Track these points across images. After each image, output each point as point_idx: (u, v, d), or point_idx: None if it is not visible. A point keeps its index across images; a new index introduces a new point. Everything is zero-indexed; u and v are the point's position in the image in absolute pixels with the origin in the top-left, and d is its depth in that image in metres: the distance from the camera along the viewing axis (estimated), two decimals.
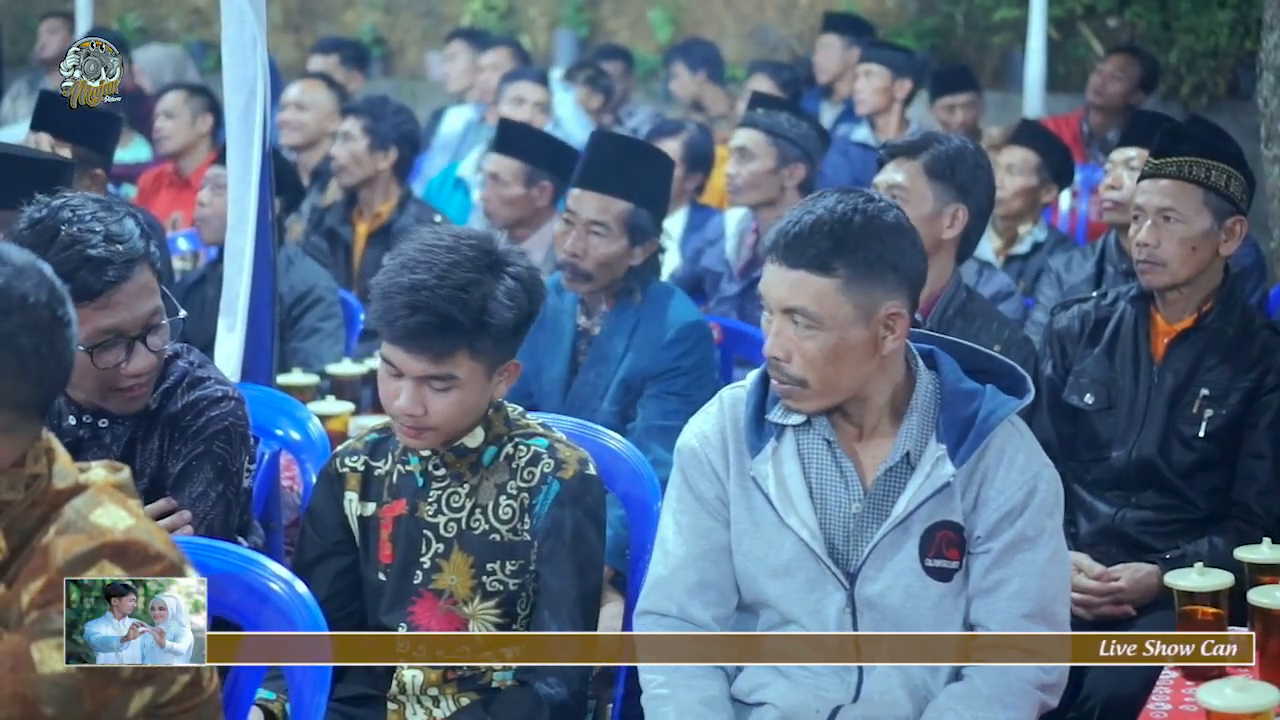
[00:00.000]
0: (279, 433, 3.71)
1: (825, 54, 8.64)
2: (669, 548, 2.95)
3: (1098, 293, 3.96)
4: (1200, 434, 3.70)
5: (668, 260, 5.08)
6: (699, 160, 6.70)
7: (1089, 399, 3.82)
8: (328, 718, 2.65)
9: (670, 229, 5.41)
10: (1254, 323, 3.77)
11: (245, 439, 3.20)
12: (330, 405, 4.37)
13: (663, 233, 4.48)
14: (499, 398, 3.08)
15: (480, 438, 3.06)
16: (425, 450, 3.06)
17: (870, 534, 2.84)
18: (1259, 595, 2.95)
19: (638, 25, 10.91)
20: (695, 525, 2.93)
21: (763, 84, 7.79)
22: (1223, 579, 3.03)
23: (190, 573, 2.28)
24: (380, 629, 3.07)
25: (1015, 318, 4.57)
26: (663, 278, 4.63)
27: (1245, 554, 3.15)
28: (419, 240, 3.00)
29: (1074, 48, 9.66)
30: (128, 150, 7.93)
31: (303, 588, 2.68)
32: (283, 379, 4.38)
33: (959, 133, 6.79)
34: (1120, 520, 3.76)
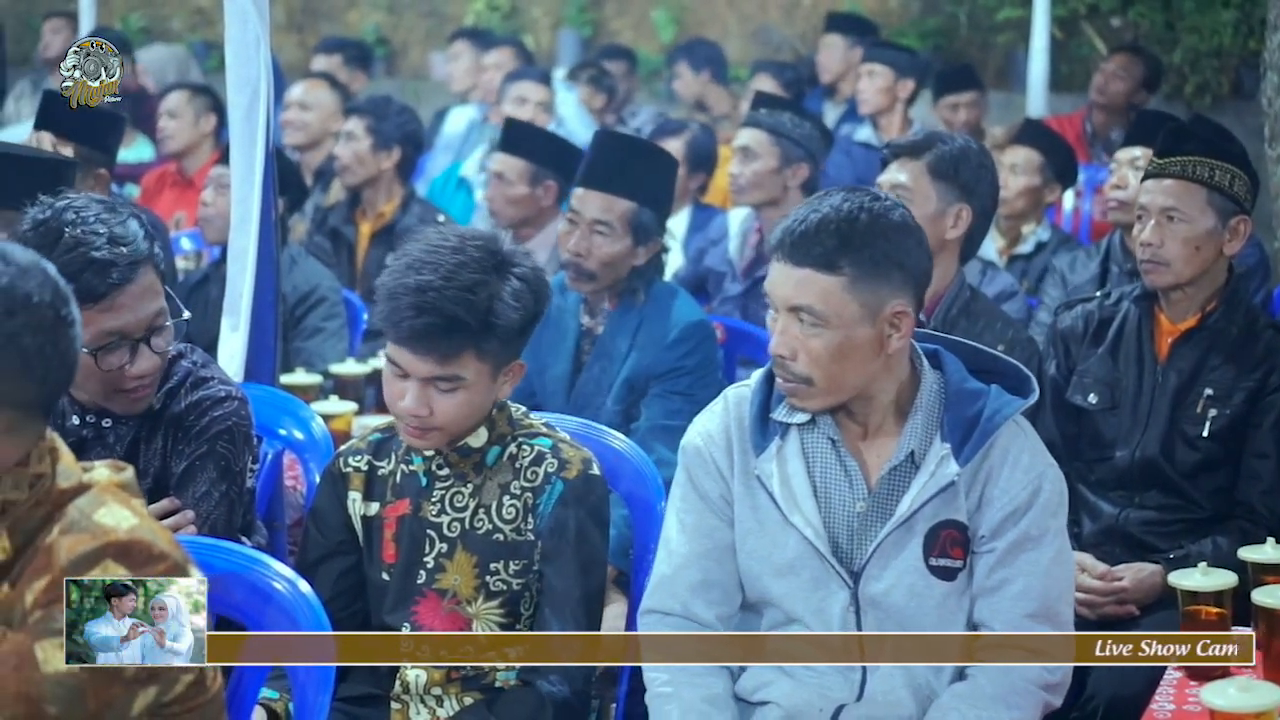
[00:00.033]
0: (282, 432, 3.71)
1: (828, 54, 8.64)
2: (673, 546, 2.95)
3: (1101, 292, 3.96)
4: (1204, 434, 3.70)
5: (671, 260, 5.08)
6: (701, 160, 6.70)
7: (1093, 399, 3.81)
8: (331, 717, 2.65)
9: (673, 229, 5.41)
10: (1258, 322, 3.76)
11: (249, 439, 3.20)
12: (333, 405, 4.37)
13: (666, 232, 4.48)
14: (504, 398, 3.08)
15: (484, 437, 3.05)
16: (429, 450, 3.06)
17: (874, 533, 2.84)
18: (1263, 595, 2.95)
19: (641, 25, 10.91)
20: (699, 524, 2.93)
21: (766, 84, 7.79)
22: (1226, 579, 3.02)
23: (194, 572, 2.27)
24: (384, 629, 3.07)
25: (1019, 317, 4.57)
26: (666, 278, 4.63)
27: (1249, 554, 3.14)
28: (424, 241, 2.99)
29: (1077, 47, 9.65)
30: (131, 150, 7.93)
31: (306, 587, 2.67)
32: (286, 379, 4.38)
33: (962, 132, 6.79)
34: (1124, 520, 3.75)
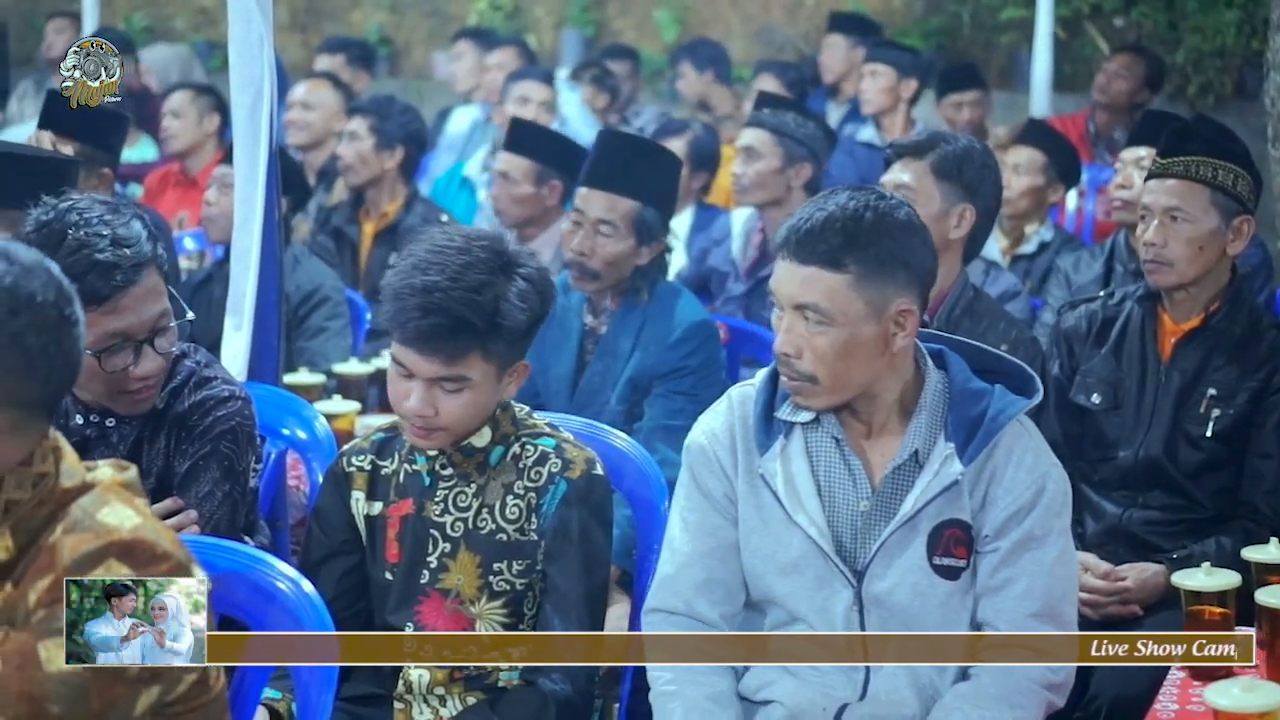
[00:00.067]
0: (285, 432, 3.71)
1: (831, 54, 8.63)
2: (676, 545, 2.95)
3: (1105, 292, 3.95)
4: (1207, 434, 3.70)
5: (674, 260, 5.08)
6: (704, 159, 6.70)
7: (1096, 399, 3.81)
8: (334, 717, 2.65)
9: (676, 229, 5.40)
10: (1261, 322, 3.76)
11: (252, 438, 3.20)
12: (337, 404, 4.37)
13: (670, 232, 4.48)
14: (508, 398, 3.08)
15: (487, 437, 3.05)
16: (433, 450, 3.06)
17: (878, 532, 2.84)
18: (1266, 595, 2.95)
19: (644, 25, 10.91)
20: (702, 523, 2.93)
21: (769, 84, 7.79)
22: (1230, 579, 3.02)
23: (197, 572, 2.27)
24: (387, 628, 3.07)
25: (1022, 317, 4.57)
26: (669, 277, 4.63)
27: (1252, 554, 3.15)
28: (430, 241, 2.99)
29: (1081, 47, 9.65)
30: (134, 150, 7.93)
31: (309, 587, 2.67)
32: (289, 378, 4.38)
33: (966, 131, 6.79)
34: (1127, 520, 3.75)
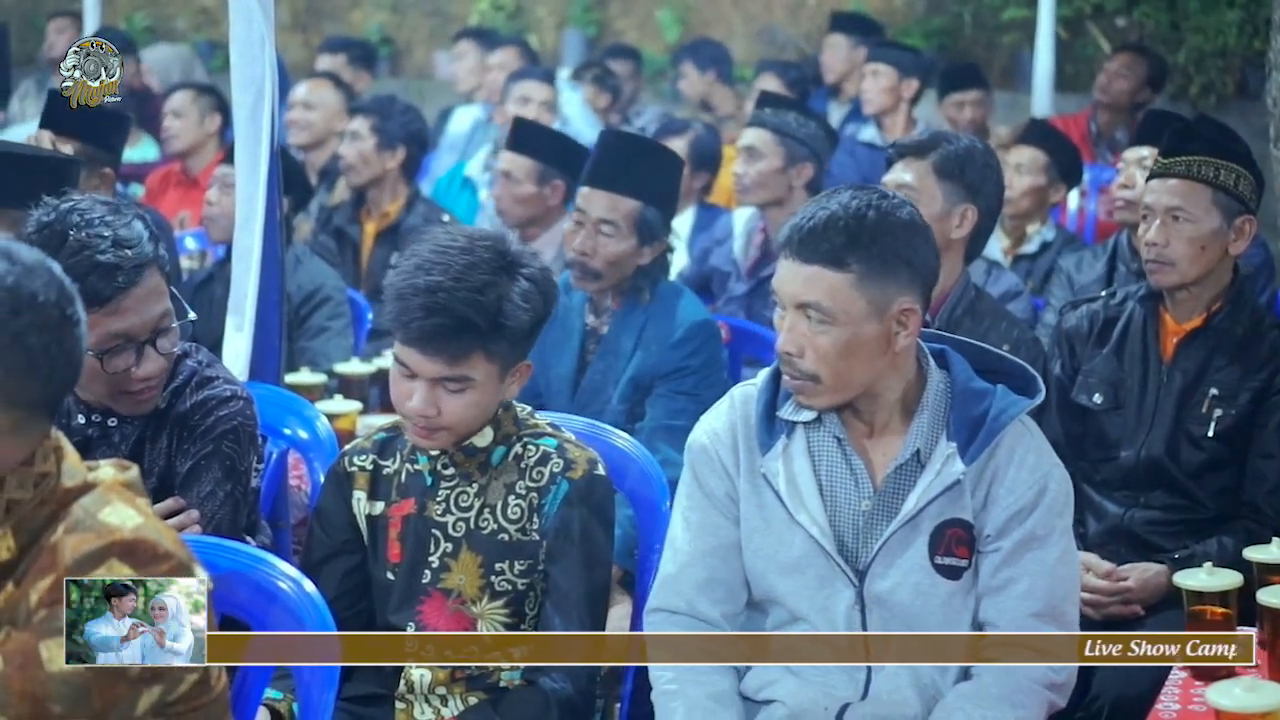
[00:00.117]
0: (287, 432, 3.71)
1: (832, 54, 8.63)
2: (678, 545, 2.95)
3: (1106, 292, 3.95)
4: (1209, 434, 3.69)
5: (675, 259, 5.08)
6: (705, 159, 6.70)
7: (1097, 399, 3.81)
8: (336, 716, 2.65)
9: (678, 228, 5.40)
10: (1263, 322, 3.76)
11: (254, 438, 3.20)
12: (338, 404, 4.37)
13: (671, 232, 4.48)
14: (511, 398, 3.08)
15: (489, 437, 3.05)
16: (435, 450, 3.06)
17: (880, 531, 2.84)
18: (1268, 595, 2.95)
19: (646, 25, 10.91)
20: (704, 522, 2.93)
21: (770, 83, 7.78)
22: (1232, 579, 3.02)
23: (198, 572, 2.27)
24: (388, 628, 3.07)
25: (1024, 317, 4.57)
26: (671, 277, 4.63)
27: (1254, 554, 3.14)
28: (433, 241, 2.99)
29: (1082, 47, 9.65)
30: (135, 150, 7.93)
31: (311, 587, 2.67)
32: (290, 378, 4.37)
33: (968, 130, 6.79)
34: (1129, 520, 3.75)
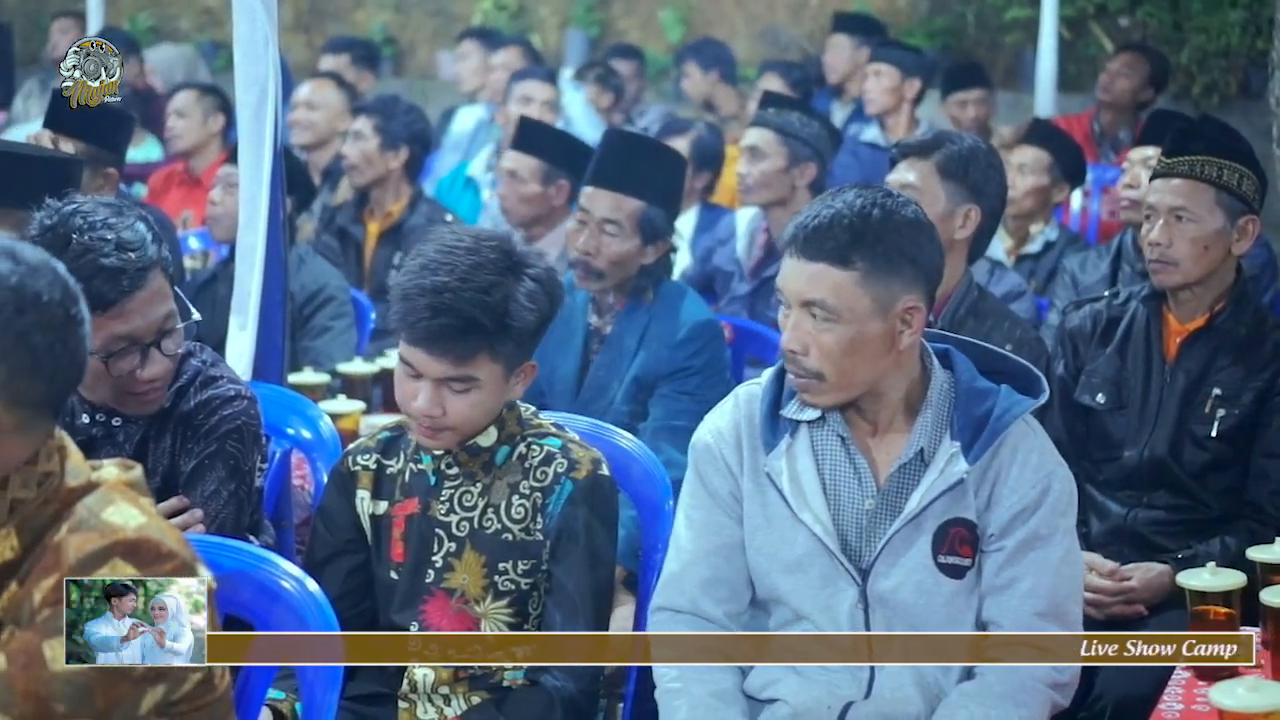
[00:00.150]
0: (290, 431, 3.71)
1: (835, 54, 8.63)
2: (682, 544, 2.95)
3: (1110, 292, 3.95)
4: (1212, 434, 3.69)
5: (678, 260, 5.07)
6: (707, 159, 6.69)
7: (1101, 398, 3.81)
8: (339, 716, 2.65)
9: (681, 228, 5.40)
10: (1266, 322, 3.76)
11: (257, 438, 3.20)
12: (341, 404, 4.38)
13: (675, 232, 4.48)
14: (515, 398, 3.08)
15: (493, 437, 3.05)
16: (439, 449, 3.06)
17: (883, 530, 2.84)
18: (1272, 595, 2.95)
19: (648, 25, 10.91)
20: (707, 521, 2.93)
21: (774, 83, 7.78)
22: (1235, 579, 3.02)
23: (202, 571, 2.27)
24: (392, 628, 3.07)
25: (1027, 317, 4.56)
26: (673, 277, 4.62)
27: (1258, 554, 3.14)
28: (438, 241, 2.99)
29: (1085, 47, 9.65)
30: (139, 150, 7.94)
31: (314, 586, 2.67)
32: (294, 378, 4.38)
33: (971, 129, 6.79)
34: (1132, 520, 3.75)
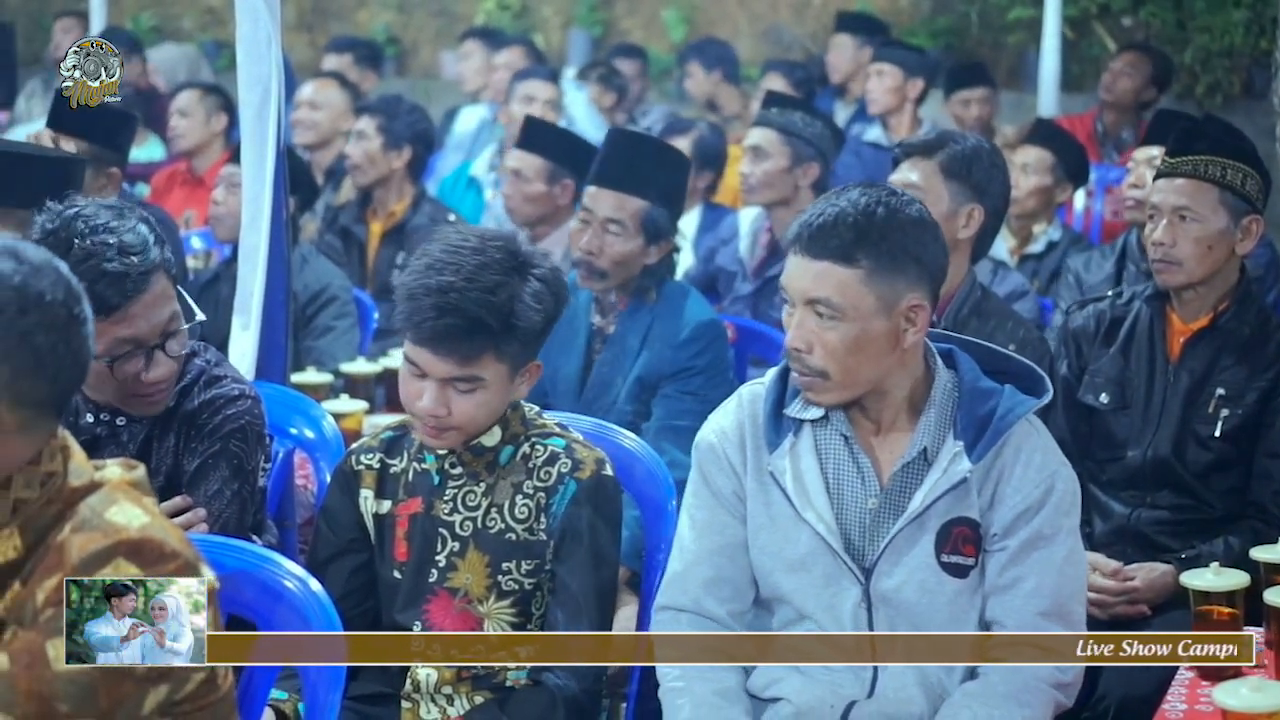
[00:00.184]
0: (293, 431, 3.71)
1: (838, 54, 8.62)
2: (685, 543, 2.96)
3: (1113, 292, 3.95)
4: (1216, 434, 3.69)
5: (681, 259, 5.07)
6: (709, 159, 6.69)
7: (1104, 398, 3.81)
8: (341, 716, 2.64)
9: (684, 228, 5.40)
10: (1270, 322, 3.76)
11: (261, 437, 3.20)
12: (344, 404, 4.38)
13: (678, 232, 4.47)
14: (520, 398, 3.08)
15: (497, 437, 3.05)
16: (443, 449, 3.06)
17: (886, 529, 2.85)
18: (1275, 595, 2.95)
19: (651, 24, 10.91)
20: (710, 521, 2.93)
21: (777, 83, 7.77)
22: (1238, 579, 3.02)
23: (205, 571, 2.27)
24: (395, 627, 3.07)
25: (1030, 317, 4.56)
26: (676, 277, 4.62)
27: (1261, 554, 3.14)
28: (444, 241, 2.99)
29: (1088, 47, 9.65)
30: (142, 149, 7.94)
31: (317, 586, 2.67)
32: (297, 377, 4.38)
33: (974, 128, 6.78)
34: (1135, 520, 3.75)
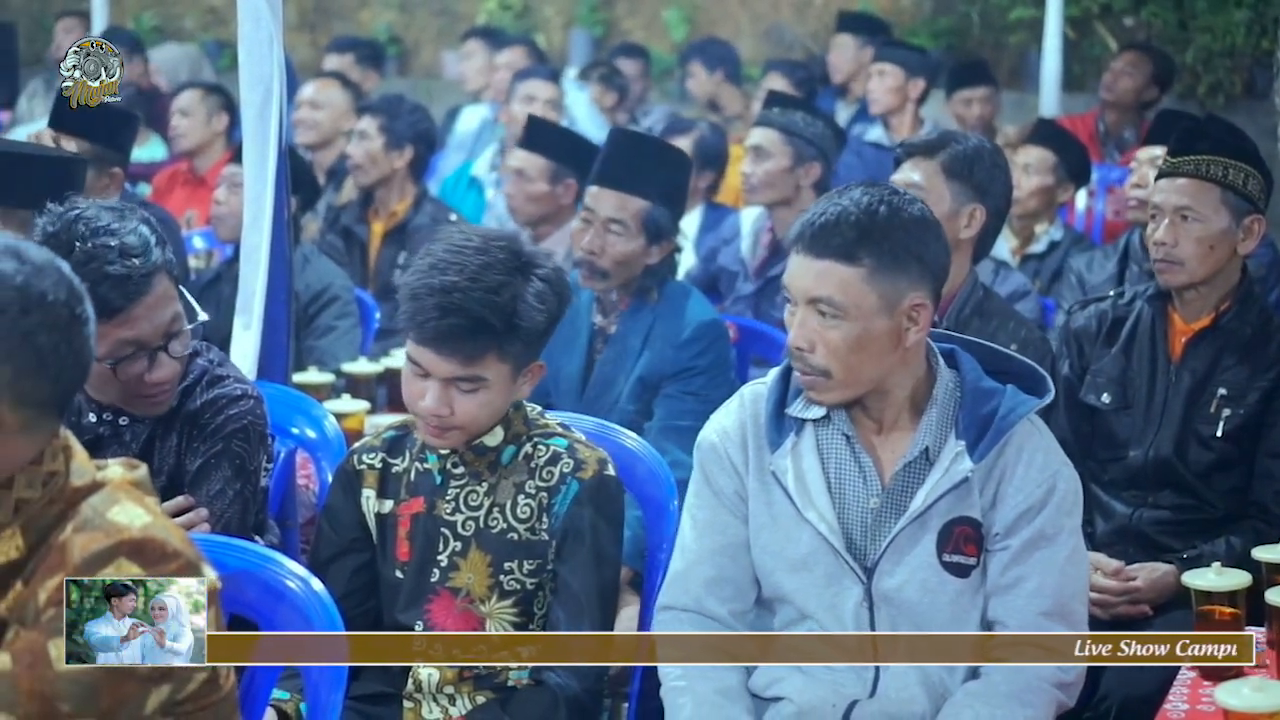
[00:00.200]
0: (295, 431, 3.71)
1: (839, 54, 8.61)
2: (686, 543, 2.96)
3: (1115, 291, 3.95)
4: (1218, 434, 3.69)
5: (683, 259, 5.07)
6: (710, 159, 6.69)
7: (1106, 398, 3.81)
8: (343, 715, 2.64)
9: (685, 228, 5.39)
10: (1271, 322, 3.76)
11: (263, 437, 3.20)
12: (346, 404, 4.37)
13: (679, 231, 4.47)
14: (523, 398, 3.08)
15: (499, 436, 3.05)
16: (445, 449, 3.06)
17: (888, 528, 2.85)
18: (1276, 595, 2.95)
19: (653, 24, 10.90)
20: (712, 520, 2.93)
21: (778, 83, 7.77)
22: (1240, 579, 3.02)
23: (207, 570, 2.26)
24: (397, 627, 3.07)
25: (1032, 317, 4.56)
26: (678, 277, 4.62)
27: (1263, 554, 3.14)
28: (447, 241, 2.99)
29: (1090, 47, 9.64)
30: (144, 149, 7.94)
31: (319, 585, 2.67)
32: (298, 377, 4.38)
33: (975, 128, 6.78)
34: (1137, 520, 3.75)
